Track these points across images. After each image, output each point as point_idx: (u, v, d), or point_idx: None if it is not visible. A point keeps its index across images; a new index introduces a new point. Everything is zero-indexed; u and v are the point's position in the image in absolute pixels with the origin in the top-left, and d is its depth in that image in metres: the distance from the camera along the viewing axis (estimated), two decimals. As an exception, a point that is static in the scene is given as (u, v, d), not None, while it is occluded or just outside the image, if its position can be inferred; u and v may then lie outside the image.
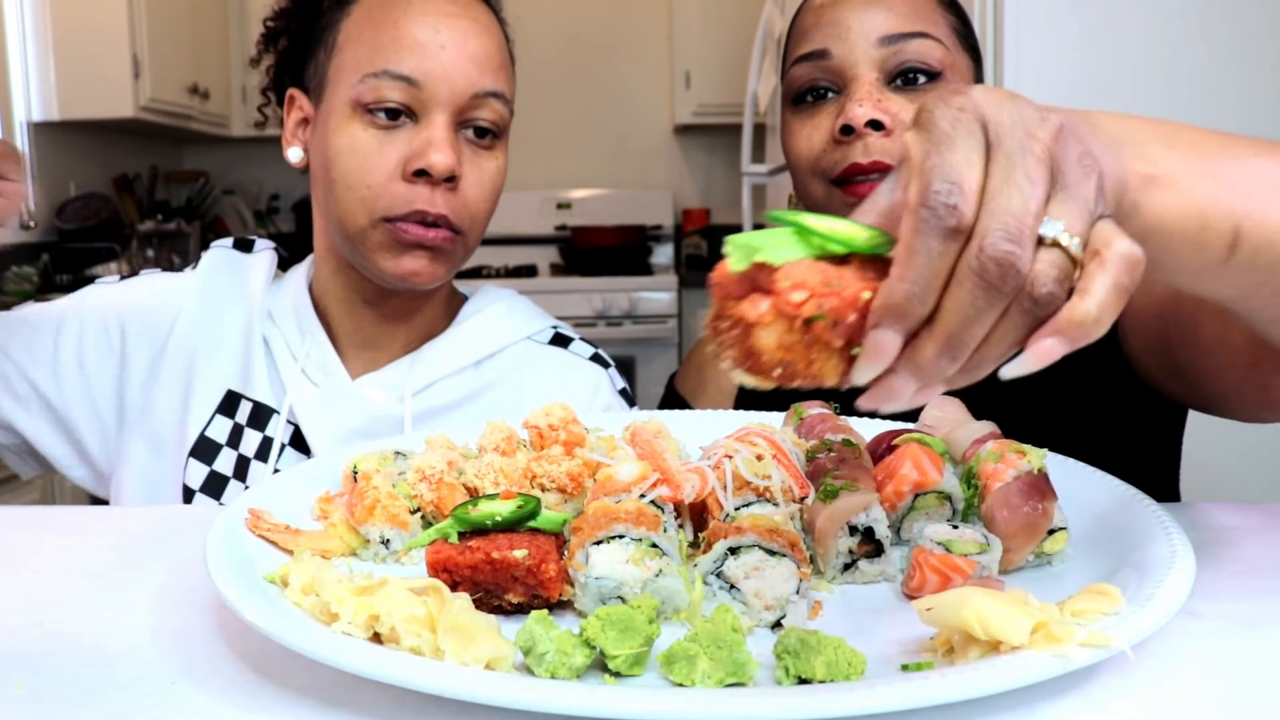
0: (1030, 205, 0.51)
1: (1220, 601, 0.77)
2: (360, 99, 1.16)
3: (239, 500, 0.87)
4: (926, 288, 0.51)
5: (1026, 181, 0.52)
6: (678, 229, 5.59)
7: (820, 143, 1.19)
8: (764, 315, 0.52)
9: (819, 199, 1.22)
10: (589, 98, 5.58)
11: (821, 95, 1.21)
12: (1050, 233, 0.52)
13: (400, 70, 1.15)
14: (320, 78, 1.22)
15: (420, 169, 1.15)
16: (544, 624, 0.62)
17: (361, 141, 1.16)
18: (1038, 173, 0.52)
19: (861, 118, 1.14)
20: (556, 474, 0.87)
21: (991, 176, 0.52)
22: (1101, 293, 0.52)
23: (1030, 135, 0.53)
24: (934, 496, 0.84)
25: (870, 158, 1.14)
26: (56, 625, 0.76)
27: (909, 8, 1.19)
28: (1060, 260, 0.52)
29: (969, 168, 0.52)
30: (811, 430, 0.96)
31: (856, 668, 0.60)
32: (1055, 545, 0.80)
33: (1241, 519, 0.96)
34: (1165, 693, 0.63)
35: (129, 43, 4.31)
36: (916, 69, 1.17)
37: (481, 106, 1.19)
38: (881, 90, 1.17)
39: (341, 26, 1.21)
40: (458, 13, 1.19)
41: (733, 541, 0.73)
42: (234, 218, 5.45)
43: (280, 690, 0.65)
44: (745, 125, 3.85)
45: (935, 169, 0.52)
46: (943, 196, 0.51)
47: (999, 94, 0.55)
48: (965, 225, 0.51)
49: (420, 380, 1.27)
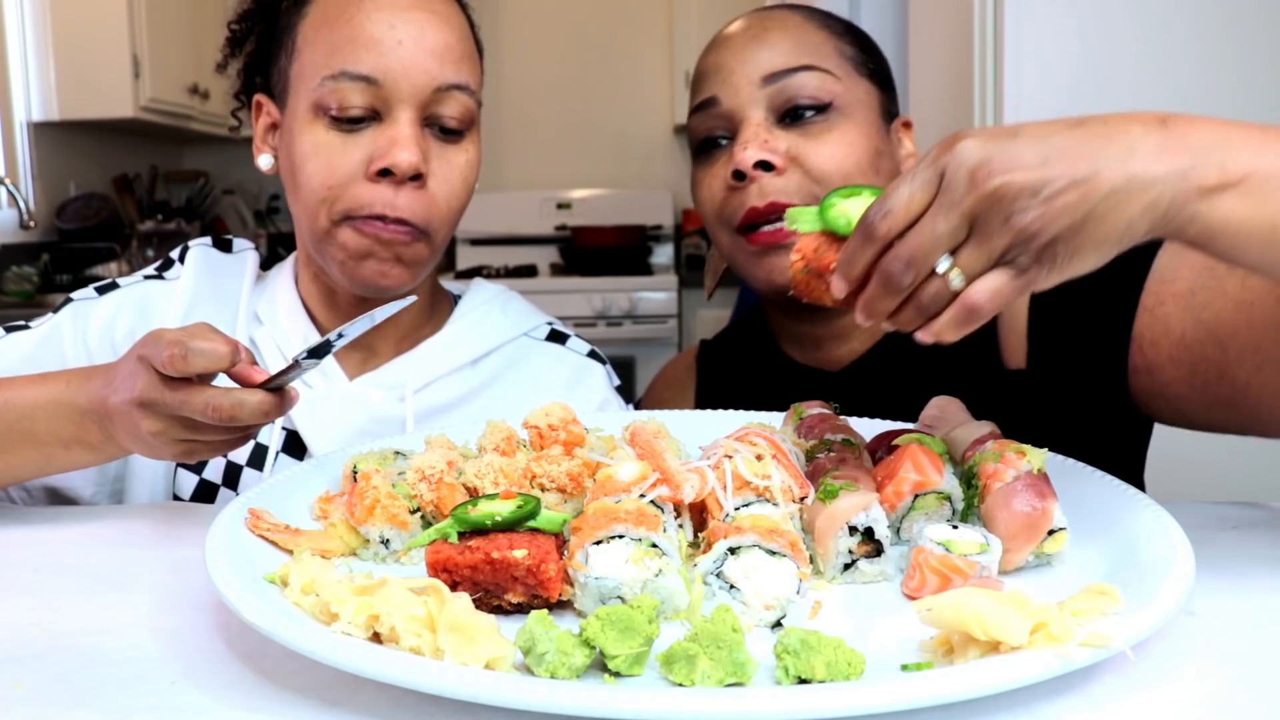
0: (927, 244, 0.70)
1: (1220, 601, 0.77)
2: (322, 103, 1.13)
3: (239, 500, 0.87)
4: (849, 265, 0.75)
5: (940, 224, 0.70)
6: (678, 229, 5.59)
7: (719, 191, 1.19)
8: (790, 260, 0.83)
9: (726, 247, 1.22)
10: (589, 98, 5.59)
11: (716, 143, 1.20)
12: (940, 268, 0.71)
13: (358, 70, 1.12)
14: (283, 82, 1.20)
15: (384, 168, 1.12)
16: (544, 624, 0.62)
17: (325, 144, 1.14)
18: (954, 221, 0.69)
19: (749, 160, 1.13)
20: (556, 474, 0.87)
21: (927, 213, 0.71)
22: (944, 320, 0.73)
23: (966, 191, 0.69)
24: (934, 497, 0.84)
25: (765, 200, 1.14)
26: (56, 625, 0.76)
27: (791, 42, 1.18)
28: (939, 288, 0.72)
29: (908, 200, 0.71)
30: (811, 430, 0.96)
31: (856, 668, 0.60)
32: (1055, 545, 0.80)
33: (1241, 519, 0.96)
34: (1164, 692, 0.63)
35: (129, 43, 4.31)
36: (803, 105, 1.16)
37: (446, 101, 1.16)
38: (769, 130, 1.16)
39: (299, 29, 1.18)
40: (414, 5, 1.15)
41: (732, 541, 0.73)
42: (234, 218, 5.45)
43: (280, 690, 0.65)
44: (745, 125, 3.85)
45: (887, 195, 0.72)
46: (872, 214, 0.73)
47: (983, 145, 0.69)
48: (878, 238, 0.72)
49: (420, 379, 1.26)
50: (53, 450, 1.02)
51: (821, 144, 1.15)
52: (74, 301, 1.28)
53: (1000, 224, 0.68)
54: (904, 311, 0.74)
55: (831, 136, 1.16)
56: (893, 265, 0.72)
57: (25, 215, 4.20)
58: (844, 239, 0.78)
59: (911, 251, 0.71)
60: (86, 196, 4.68)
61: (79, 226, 4.58)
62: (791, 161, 1.15)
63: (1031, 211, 0.67)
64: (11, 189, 4.17)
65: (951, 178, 0.69)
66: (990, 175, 0.68)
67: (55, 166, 4.58)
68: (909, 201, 0.71)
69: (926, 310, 0.73)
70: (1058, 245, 0.68)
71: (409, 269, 1.18)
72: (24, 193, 4.29)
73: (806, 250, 0.81)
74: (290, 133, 1.17)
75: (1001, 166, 0.68)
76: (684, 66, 5.23)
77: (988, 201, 0.68)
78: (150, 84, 4.43)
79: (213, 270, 1.31)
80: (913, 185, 0.71)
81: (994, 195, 0.68)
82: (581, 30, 5.53)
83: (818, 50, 1.18)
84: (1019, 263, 0.70)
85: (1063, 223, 0.67)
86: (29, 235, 4.36)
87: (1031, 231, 0.68)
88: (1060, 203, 0.67)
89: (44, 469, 1.05)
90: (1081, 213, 0.67)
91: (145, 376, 0.90)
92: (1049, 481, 0.81)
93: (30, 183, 4.43)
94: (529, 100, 5.58)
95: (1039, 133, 0.69)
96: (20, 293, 4.18)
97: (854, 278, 0.75)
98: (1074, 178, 0.67)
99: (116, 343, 1.25)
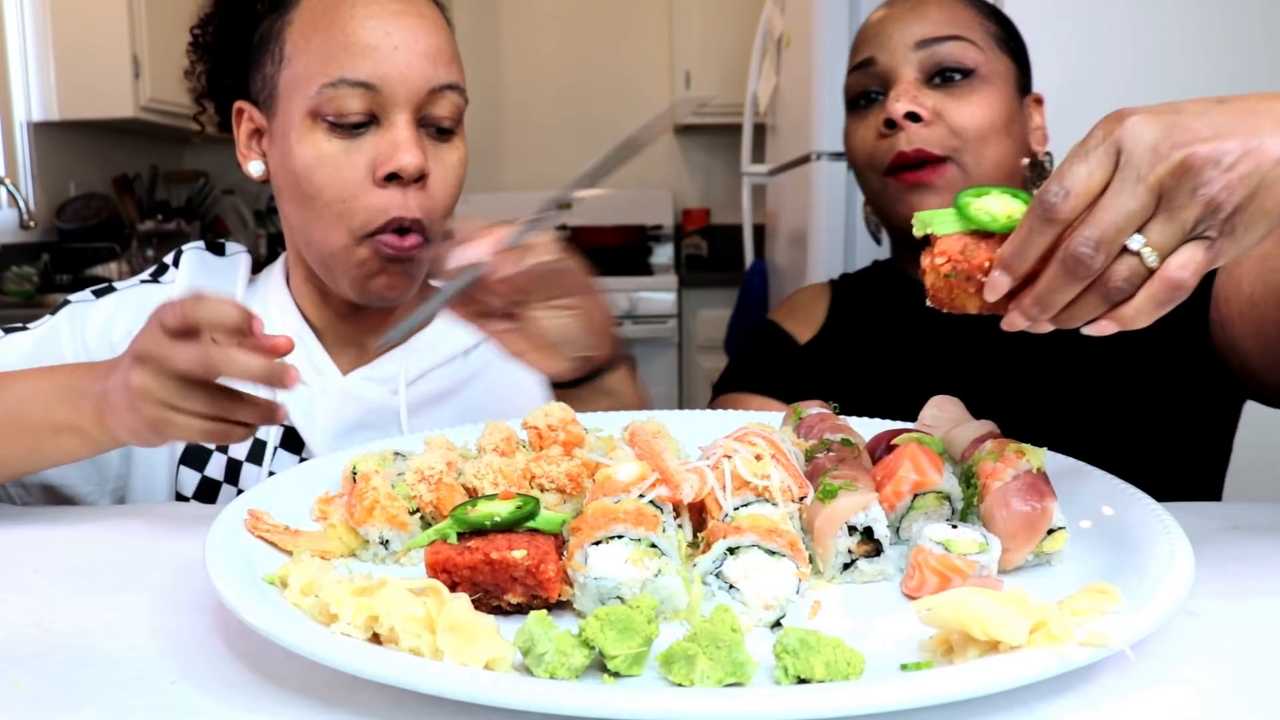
0: (1119, 221, 0.68)
1: (1220, 601, 0.77)
2: (319, 109, 1.15)
3: (238, 501, 0.87)
4: (1021, 255, 0.71)
5: (1129, 200, 0.68)
6: (678, 229, 5.58)
7: (870, 138, 1.35)
8: (924, 268, 0.77)
9: (876, 189, 1.38)
10: (589, 98, 5.58)
11: (871, 99, 1.38)
12: (1134, 245, 0.68)
13: (357, 76, 1.13)
14: (270, 89, 1.21)
15: (391, 173, 1.15)
16: (543, 624, 0.62)
17: (327, 152, 1.15)
18: (1142, 197, 0.67)
19: (899, 110, 1.29)
20: (555, 474, 0.87)
21: (1108, 190, 0.68)
22: (1140, 301, 0.70)
23: (1151, 165, 0.67)
24: (933, 496, 0.84)
25: (913, 146, 1.29)
26: (56, 625, 0.76)
27: (945, 16, 1.34)
28: (1134, 267, 0.69)
29: (1087, 179, 0.68)
30: (810, 430, 0.96)
31: (855, 667, 0.60)
32: (1054, 545, 0.80)
33: (1241, 519, 0.96)
34: (1164, 692, 0.63)
35: (129, 43, 4.31)
36: (950, 68, 1.31)
37: (439, 101, 1.18)
38: (919, 88, 1.32)
39: (286, 36, 1.19)
40: (404, 10, 1.17)
41: (732, 541, 0.73)
42: (234, 218, 5.44)
43: (280, 690, 0.65)
44: (745, 125, 3.84)
45: (1061, 174, 0.69)
46: (1050, 196, 0.69)
47: (1155, 120, 0.68)
48: (1059, 220, 0.69)
49: (413, 371, 1.29)
50: (42, 435, 1.01)
51: (964, 104, 1.30)
52: (72, 304, 1.29)
53: (1189, 196, 0.67)
54: (1084, 300, 0.71)
55: (973, 98, 1.31)
56: (1081, 247, 0.68)
57: (25, 215, 4.19)
58: (990, 235, 0.75)
59: (1102, 230, 0.68)
60: (86, 196, 4.68)
61: (79, 226, 4.58)
62: (936, 116, 1.30)
63: (1217, 182, 0.67)
64: (11, 189, 4.17)
65: (1132, 152, 0.68)
66: (1175, 147, 0.67)
67: (55, 166, 4.57)
68: (1088, 179, 0.69)
69: (1116, 294, 0.70)
70: (1237, 215, 0.68)
71: (416, 277, 1.23)
72: (24, 193, 4.29)
73: (951, 251, 0.75)
74: (285, 140, 1.18)
75: (1183, 139, 0.67)
76: (684, 66, 5.23)
77: (1177, 174, 0.67)
78: (150, 84, 4.42)
79: (207, 273, 1.32)
80: (1089, 164, 0.69)
81: (1182, 167, 0.67)
82: (581, 30, 5.52)
83: (966, 24, 1.34)
84: (1207, 234, 0.69)
85: (1242, 192, 0.67)
86: (29, 235, 4.36)
87: (1219, 201, 0.67)
88: (1239, 171, 0.67)
89: (32, 455, 1.04)
90: (1256, 181, 0.67)
91: (149, 330, 0.92)
92: (1048, 481, 0.81)
93: (30, 183, 4.42)
94: (529, 100, 5.58)
95: (1196, 108, 0.69)
96: (20, 293, 4.18)
97: (1026, 269, 0.72)
98: (1246, 147, 0.67)
99: (115, 343, 1.26)
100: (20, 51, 4.31)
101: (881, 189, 1.36)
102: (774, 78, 3.55)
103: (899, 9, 1.37)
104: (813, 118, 2.94)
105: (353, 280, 1.20)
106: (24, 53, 4.32)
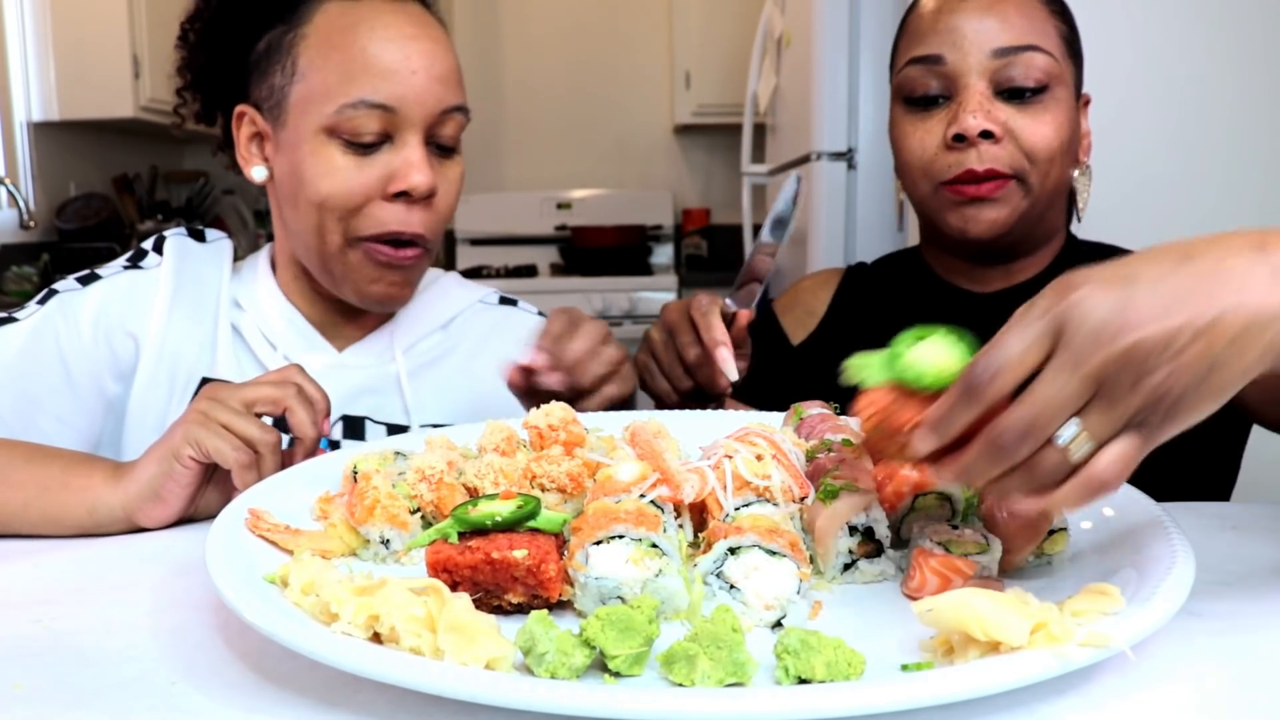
0: (1050, 410, 0.62)
1: (1220, 602, 0.77)
2: (337, 128, 1.18)
3: (240, 499, 0.87)
4: (945, 425, 0.66)
5: (1063, 388, 0.62)
6: (678, 229, 5.58)
7: (933, 147, 1.28)
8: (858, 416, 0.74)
9: (924, 196, 1.31)
10: (589, 98, 5.58)
11: (933, 100, 1.28)
12: (1062, 439, 0.63)
13: (376, 99, 1.17)
14: (279, 100, 1.23)
15: (402, 190, 1.19)
16: (544, 624, 0.62)
17: (340, 166, 1.19)
18: (1076, 387, 0.62)
19: (975, 128, 1.22)
20: (556, 474, 0.87)
21: (1043, 374, 0.63)
22: (1066, 491, 0.64)
23: (1091, 353, 0.61)
24: (934, 497, 0.84)
25: (984, 165, 1.23)
26: (56, 625, 0.76)
27: (1023, 18, 1.25)
28: (1059, 460, 0.63)
29: (1021, 357, 0.63)
30: (811, 430, 0.96)
31: (856, 668, 0.60)
32: (1055, 546, 0.80)
33: (1241, 519, 0.96)
34: (1164, 692, 0.63)
35: (129, 43, 4.30)
36: (1024, 86, 1.24)
37: (448, 122, 1.24)
38: (992, 100, 1.24)
39: (300, 50, 1.21)
40: (420, 34, 1.21)
41: (733, 541, 0.73)
42: (234, 218, 5.44)
43: (280, 690, 0.65)
44: (745, 125, 3.84)
45: (996, 344, 0.64)
46: (979, 371, 0.64)
47: (1103, 297, 0.62)
48: (984, 399, 0.64)
49: (402, 342, 1.37)
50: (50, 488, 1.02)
51: (1036, 123, 1.24)
52: (60, 293, 1.30)
53: (1129, 386, 0.62)
54: (1010, 480, 0.66)
55: (1045, 117, 1.25)
56: (1006, 435, 0.63)
57: (25, 215, 4.19)
58: (917, 394, 0.70)
59: (1031, 418, 0.62)
60: (86, 196, 4.68)
61: (79, 226, 4.57)
62: (1007, 133, 1.24)
63: (1162, 370, 0.61)
64: (11, 189, 4.17)
65: (1074, 334, 0.62)
66: (1120, 332, 0.61)
67: (55, 166, 4.57)
68: (1021, 358, 0.63)
69: (1041, 481, 0.65)
70: (1182, 401, 0.62)
71: (413, 285, 1.29)
72: (24, 193, 4.29)
73: (879, 404, 0.72)
74: (296, 151, 1.21)
75: (1130, 322, 0.61)
76: (684, 66, 5.23)
77: (1119, 363, 0.61)
78: (150, 84, 4.42)
79: (191, 259, 1.35)
80: (1024, 340, 0.63)
81: (1125, 356, 0.61)
82: (581, 30, 5.52)
83: (1042, 30, 1.26)
84: (1147, 424, 0.63)
85: (1188, 378, 0.62)
86: (29, 235, 4.35)
87: (1162, 391, 0.62)
88: (1188, 356, 0.61)
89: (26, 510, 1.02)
90: (1206, 364, 0.62)
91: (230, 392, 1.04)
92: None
93: (30, 183, 4.42)
94: (529, 100, 5.58)
95: (1152, 274, 0.63)
96: (20, 293, 4.18)
97: (950, 438, 0.67)
98: (1197, 328, 0.61)
99: (110, 330, 1.28)
100: (20, 51, 4.31)
101: (932, 195, 1.30)
102: (774, 78, 3.55)
103: (974, 4, 1.26)
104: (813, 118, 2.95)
105: (353, 285, 1.25)
106: (24, 53, 4.32)
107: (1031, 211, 1.28)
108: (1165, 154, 2.05)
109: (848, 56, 2.90)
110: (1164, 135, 2.04)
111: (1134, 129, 2.03)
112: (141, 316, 1.29)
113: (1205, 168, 2.03)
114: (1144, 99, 2.03)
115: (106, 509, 1.01)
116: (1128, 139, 2.01)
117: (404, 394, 1.33)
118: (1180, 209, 2.03)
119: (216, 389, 1.04)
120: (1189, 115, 2.03)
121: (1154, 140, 2.04)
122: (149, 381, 1.28)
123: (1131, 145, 2.02)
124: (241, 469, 0.99)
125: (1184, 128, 2.04)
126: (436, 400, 1.36)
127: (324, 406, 1.07)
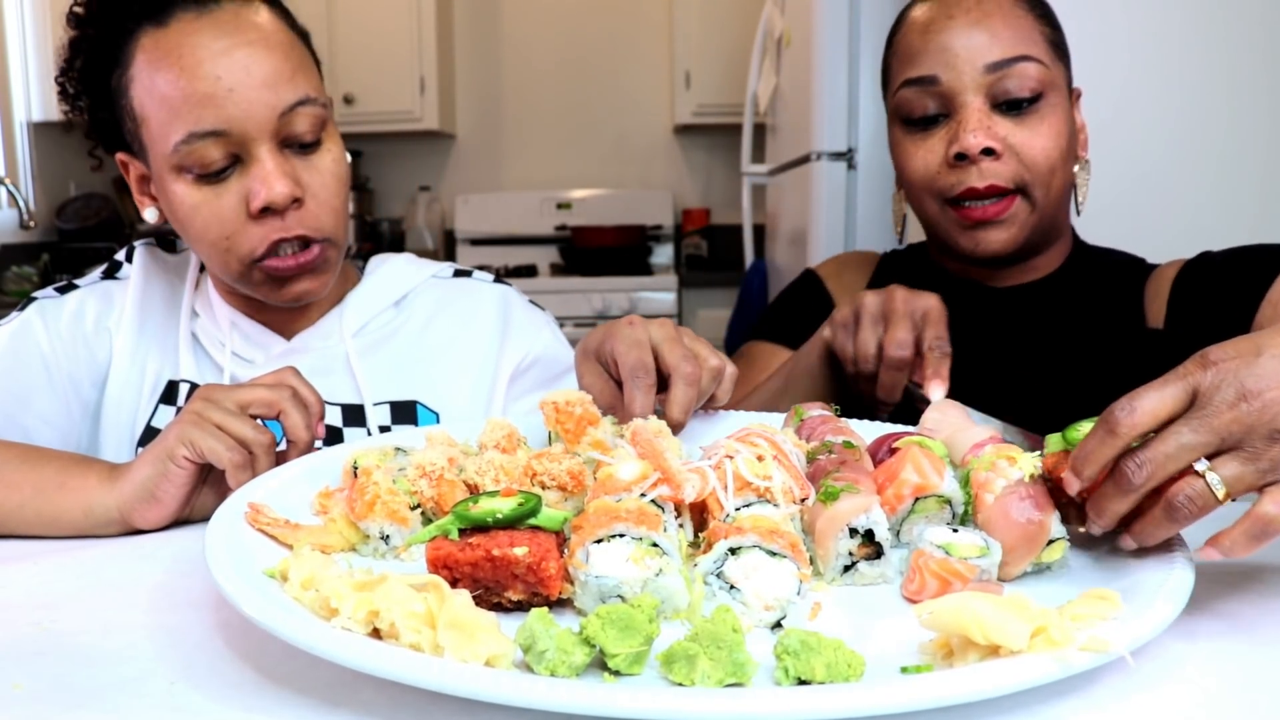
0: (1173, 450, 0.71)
1: (1220, 602, 0.77)
2: (182, 165, 1.16)
3: (239, 494, 0.87)
4: (1086, 461, 0.74)
5: (1190, 436, 0.71)
6: (678, 229, 5.58)
7: (935, 165, 1.29)
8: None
9: (933, 214, 1.33)
10: (589, 98, 5.58)
11: (932, 120, 1.30)
12: (1200, 466, 0.71)
13: (203, 128, 1.14)
14: (138, 143, 1.22)
15: (264, 207, 1.17)
16: (544, 622, 0.62)
17: (200, 200, 1.18)
18: (1204, 435, 0.71)
19: (975, 146, 1.24)
20: (557, 472, 0.87)
21: (1177, 422, 0.72)
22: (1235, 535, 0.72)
23: (1222, 411, 0.71)
24: (934, 500, 0.84)
25: (985, 182, 1.25)
26: (56, 625, 0.76)
27: (1010, 29, 1.26)
28: (1198, 487, 0.71)
29: (1157, 405, 0.72)
30: (812, 432, 0.96)
31: (856, 669, 0.60)
32: (1053, 555, 0.79)
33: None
34: (1164, 692, 0.63)
35: (129, 42, 4.30)
36: (1019, 98, 1.25)
37: (295, 119, 1.18)
38: (990, 116, 1.26)
39: (133, 93, 1.18)
40: (231, 45, 1.15)
41: (733, 542, 0.73)
42: (234, 217, 5.44)
43: (280, 689, 0.65)
44: (745, 125, 3.84)
45: (1135, 397, 0.73)
46: (1118, 410, 0.72)
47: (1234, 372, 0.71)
48: (1119, 433, 0.72)
49: (351, 325, 1.35)
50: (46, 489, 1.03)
51: (1035, 134, 1.26)
52: (39, 300, 1.35)
53: (1264, 439, 0.70)
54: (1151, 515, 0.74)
55: (1043, 127, 1.26)
56: (1128, 462, 0.72)
57: (25, 215, 4.19)
58: None
59: (1154, 453, 0.71)
60: (86, 196, 4.68)
61: (79, 226, 4.58)
62: (1007, 148, 1.25)
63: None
64: (11, 189, 4.17)
65: (1210, 397, 0.71)
66: (1251, 395, 0.70)
67: (55, 166, 4.57)
68: (1158, 406, 0.72)
69: (1179, 513, 0.72)
70: None
71: (328, 274, 1.27)
72: (24, 193, 4.29)
73: (1048, 465, 0.82)
74: (165, 191, 1.21)
75: (1258, 386, 0.70)
76: (684, 66, 5.23)
77: (1249, 420, 0.70)
78: (150, 83, 4.42)
79: (159, 268, 1.38)
80: (1164, 394, 0.72)
81: (1258, 414, 0.70)
82: (581, 30, 5.52)
83: (1030, 37, 1.27)
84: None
85: None
86: (29, 235, 4.36)
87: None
88: None
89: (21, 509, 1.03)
90: None
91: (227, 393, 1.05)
92: (1047, 494, 0.80)
93: (30, 183, 4.43)
94: (528, 100, 5.58)
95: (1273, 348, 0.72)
96: (20, 293, 4.18)
97: (1089, 474, 0.75)
98: None
99: (88, 331, 1.32)
100: (20, 51, 4.31)
101: (940, 215, 1.32)
102: (774, 78, 3.55)
103: (961, 20, 1.27)
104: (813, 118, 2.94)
105: (267, 293, 1.25)
106: (24, 53, 4.32)
107: (1040, 223, 1.30)
108: (1162, 149, 2.05)
109: (848, 56, 2.89)
110: (1161, 131, 2.04)
111: (1131, 125, 2.03)
112: (115, 325, 1.33)
113: (1203, 163, 2.03)
114: (1141, 95, 2.03)
115: (103, 510, 1.01)
116: (1125, 135, 2.01)
117: (354, 373, 1.33)
118: (1178, 204, 2.03)
119: (211, 390, 1.04)
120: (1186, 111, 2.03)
121: (1151, 136, 2.04)
122: (121, 387, 1.31)
123: (1129, 141, 2.02)
124: (236, 469, 0.99)
125: (1181, 123, 2.04)
126: (391, 377, 1.35)
127: (319, 409, 1.07)
